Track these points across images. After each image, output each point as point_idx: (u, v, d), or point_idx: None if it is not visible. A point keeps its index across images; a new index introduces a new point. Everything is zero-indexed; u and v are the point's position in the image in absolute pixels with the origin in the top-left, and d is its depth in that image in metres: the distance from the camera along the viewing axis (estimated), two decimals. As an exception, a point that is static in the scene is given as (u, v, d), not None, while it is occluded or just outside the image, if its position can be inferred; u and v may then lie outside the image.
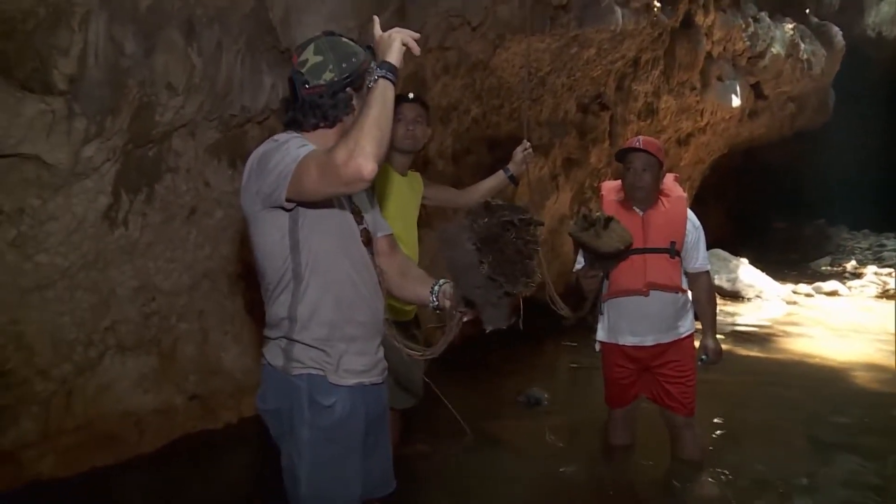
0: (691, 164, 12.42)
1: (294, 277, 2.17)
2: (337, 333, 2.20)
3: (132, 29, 3.37)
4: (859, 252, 15.45)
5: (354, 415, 2.23)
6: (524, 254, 1.95)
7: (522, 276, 1.95)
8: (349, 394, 2.22)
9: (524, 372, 6.05)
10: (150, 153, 3.92)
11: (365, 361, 2.27)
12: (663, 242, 3.89)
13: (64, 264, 3.69)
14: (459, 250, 1.99)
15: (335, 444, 2.21)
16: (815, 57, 11.86)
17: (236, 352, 4.74)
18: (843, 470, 4.38)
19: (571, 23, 5.90)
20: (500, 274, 1.94)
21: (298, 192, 2.04)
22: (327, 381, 2.19)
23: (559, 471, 4.19)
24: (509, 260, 1.94)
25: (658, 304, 3.90)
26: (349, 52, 2.22)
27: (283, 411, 2.24)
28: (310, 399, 2.19)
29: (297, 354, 2.21)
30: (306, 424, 2.19)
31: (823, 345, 7.48)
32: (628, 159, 3.92)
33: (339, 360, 2.20)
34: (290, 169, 2.03)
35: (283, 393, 2.23)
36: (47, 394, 3.77)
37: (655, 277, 3.85)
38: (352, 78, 2.20)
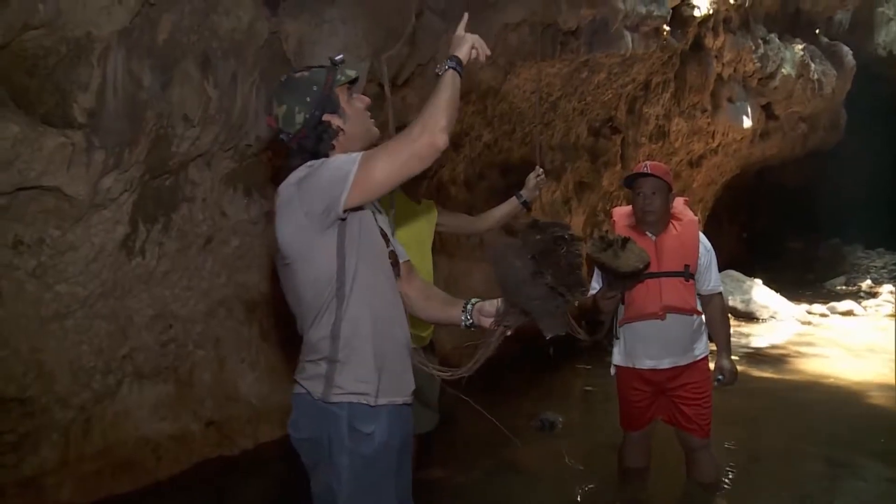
0: (704, 186, 12.43)
1: (337, 296, 2.18)
2: (377, 350, 2.21)
3: (149, 63, 3.45)
4: (874, 271, 15.35)
5: (392, 439, 2.24)
6: (576, 266, 2.11)
7: (578, 286, 2.10)
8: (387, 417, 2.22)
9: (538, 395, 6.05)
10: (167, 183, 3.99)
11: (400, 381, 2.29)
12: (677, 266, 3.90)
13: (83, 293, 3.74)
14: (514, 265, 2.12)
15: (375, 470, 2.21)
16: (826, 77, 11.87)
17: (252, 378, 4.77)
18: (859, 493, 4.36)
19: (581, 48, 5.97)
20: (561, 284, 2.08)
21: (365, 188, 2.08)
22: (367, 407, 2.19)
23: (575, 494, 4.19)
24: (565, 272, 2.09)
25: (674, 327, 3.91)
26: (307, 84, 2.25)
27: (321, 439, 2.22)
28: (349, 427, 2.18)
29: (338, 380, 2.20)
30: (346, 452, 2.18)
31: (839, 365, 7.44)
32: (637, 184, 3.94)
33: (378, 380, 2.21)
34: (350, 170, 2.07)
35: (321, 421, 2.22)
36: (66, 421, 3.82)
37: (671, 301, 3.86)
38: (322, 105, 2.23)
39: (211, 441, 4.53)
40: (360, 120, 2.30)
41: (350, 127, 2.28)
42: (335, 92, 2.24)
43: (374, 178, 2.07)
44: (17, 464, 3.63)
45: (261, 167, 4.43)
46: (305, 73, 2.28)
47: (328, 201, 2.09)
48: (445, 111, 2.09)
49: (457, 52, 2.23)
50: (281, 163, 2.35)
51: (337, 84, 2.25)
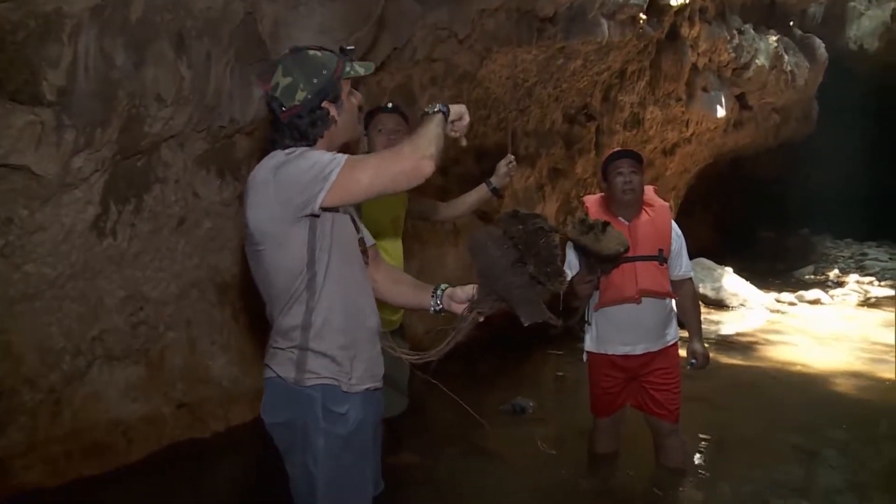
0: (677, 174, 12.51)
1: (308, 288, 2.18)
2: (348, 340, 2.23)
3: (122, 41, 3.40)
4: (842, 261, 15.55)
5: (366, 421, 2.27)
6: (555, 255, 2.18)
7: (557, 275, 2.18)
8: (360, 401, 2.25)
9: (510, 381, 6.09)
10: (139, 164, 3.95)
11: (371, 367, 2.31)
12: (652, 250, 3.94)
13: (52, 274, 3.70)
14: (495, 254, 2.18)
15: (351, 451, 2.24)
16: (799, 69, 11.98)
17: (224, 361, 4.75)
18: (825, 477, 4.45)
19: (558, 35, 5.97)
20: (542, 273, 2.14)
21: (347, 193, 2.09)
22: (340, 390, 2.21)
23: (545, 479, 4.23)
24: (546, 261, 2.15)
25: (649, 312, 3.95)
26: (318, 65, 2.22)
27: (296, 422, 2.24)
28: (324, 408, 2.20)
29: (310, 365, 2.21)
30: (322, 433, 2.21)
31: (805, 353, 7.55)
32: (614, 165, 3.97)
33: (350, 368, 2.23)
34: (333, 171, 2.06)
35: (294, 404, 2.24)
36: (35, 403, 3.78)
37: (647, 284, 3.90)
38: (326, 91, 2.21)
39: (182, 423, 4.51)
40: (352, 116, 2.32)
41: (342, 120, 2.27)
42: (341, 82, 2.23)
43: (358, 185, 2.08)
44: (-17, 446, 3.60)
45: (234, 149, 4.40)
46: (318, 54, 2.25)
47: (306, 196, 2.08)
48: (434, 142, 2.13)
49: (450, 104, 2.28)
50: (267, 136, 2.30)
51: (345, 76, 2.24)
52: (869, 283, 12.80)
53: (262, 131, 4.35)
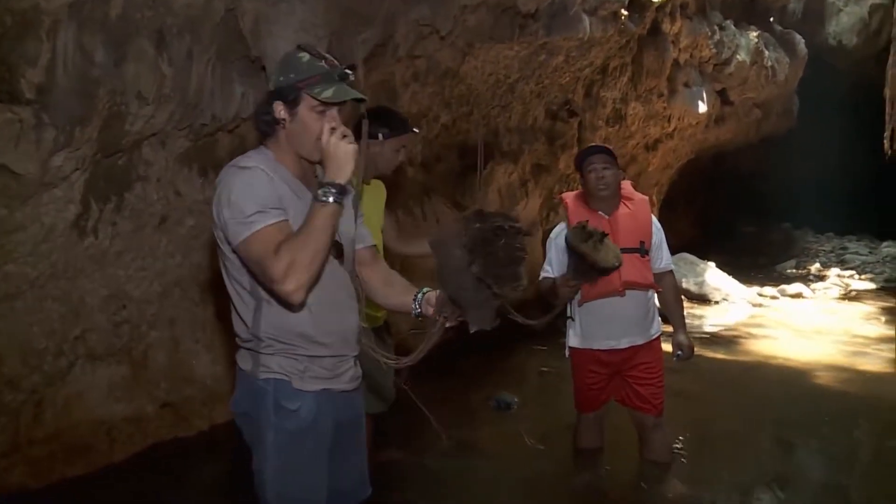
0: (659, 170, 12.58)
1: (255, 297, 2.19)
2: (304, 343, 2.22)
3: (102, 38, 3.37)
4: (823, 255, 15.69)
5: (321, 420, 2.25)
6: (513, 259, 1.99)
7: (510, 280, 1.98)
8: (314, 399, 2.24)
9: (494, 376, 6.10)
10: (120, 162, 3.92)
11: (333, 369, 2.28)
12: (633, 243, 3.96)
13: (33, 274, 3.67)
14: (450, 254, 2.03)
15: (301, 448, 2.23)
16: (780, 64, 12.07)
17: (207, 359, 4.74)
18: (807, 469, 4.50)
19: (540, 31, 5.97)
20: (489, 276, 1.97)
21: (244, 256, 2.11)
22: (291, 385, 2.22)
23: (530, 474, 4.24)
24: (499, 263, 1.97)
25: (632, 305, 3.97)
26: (292, 66, 2.18)
27: (251, 415, 2.26)
28: (275, 403, 2.21)
29: (264, 360, 2.23)
30: (272, 428, 2.22)
31: (787, 346, 7.61)
32: (588, 162, 3.99)
33: (305, 367, 2.23)
34: (239, 238, 2.08)
35: (251, 396, 2.26)
36: (16, 404, 3.75)
37: (631, 276, 3.91)
38: (283, 93, 2.16)
39: (166, 422, 4.49)
40: (306, 133, 2.17)
41: (292, 130, 2.19)
42: (302, 93, 2.14)
43: (248, 257, 2.09)
44: (-36, 447, 3.57)
45: (216, 146, 4.38)
46: (304, 57, 2.18)
47: (227, 236, 2.12)
48: (313, 264, 2.05)
49: (336, 178, 2.06)
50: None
51: (310, 92, 2.13)
52: (850, 277, 12.93)
53: (244, 129, 4.33)
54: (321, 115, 2.15)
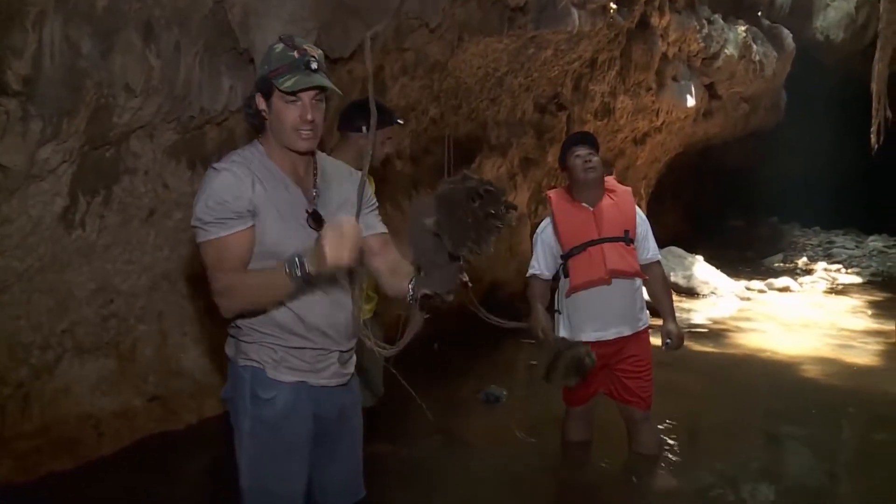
0: (647, 163, 12.60)
1: None
2: (281, 333, 2.23)
3: (89, 30, 3.35)
4: (810, 249, 15.78)
5: (297, 412, 2.26)
6: (481, 223, 1.80)
7: (469, 242, 1.81)
8: (291, 391, 2.25)
9: (483, 370, 6.11)
10: (108, 155, 3.90)
11: (312, 362, 2.28)
12: (617, 231, 3.97)
13: (20, 267, 3.65)
14: (419, 215, 1.91)
15: (275, 438, 2.24)
16: (767, 59, 12.10)
17: (196, 353, 4.72)
18: (794, 461, 4.53)
19: (528, 24, 5.97)
20: (445, 232, 1.82)
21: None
22: (266, 374, 2.24)
23: (519, 467, 4.25)
24: (461, 223, 1.81)
25: (619, 293, 3.97)
26: (267, 58, 2.19)
27: (233, 401, 2.31)
28: (251, 391, 2.24)
29: (243, 347, 2.28)
30: (248, 415, 2.25)
31: (775, 340, 7.65)
32: (572, 151, 4.02)
33: (280, 358, 2.24)
34: (197, 240, 2.19)
35: (233, 383, 2.31)
36: (2, 398, 3.74)
37: (615, 264, 3.92)
38: (259, 85, 2.20)
39: (154, 416, 4.47)
40: (281, 125, 2.19)
41: (272, 121, 2.21)
42: (270, 83, 2.15)
43: (203, 259, 2.19)
44: (-49, 441, 3.55)
45: (204, 139, 4.36)
46: (277, 47, 2.18)
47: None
48: (246, 305, 2.17)
49: (312, 266, 1.98)
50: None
51: (276, 81, 2.13)
52: (836, 271, 13.01)
53: (233, 122, 4.32)
54: (292, 104, 2.16)
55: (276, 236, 2.17)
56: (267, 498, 2.27)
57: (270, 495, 2.27)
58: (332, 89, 2.18)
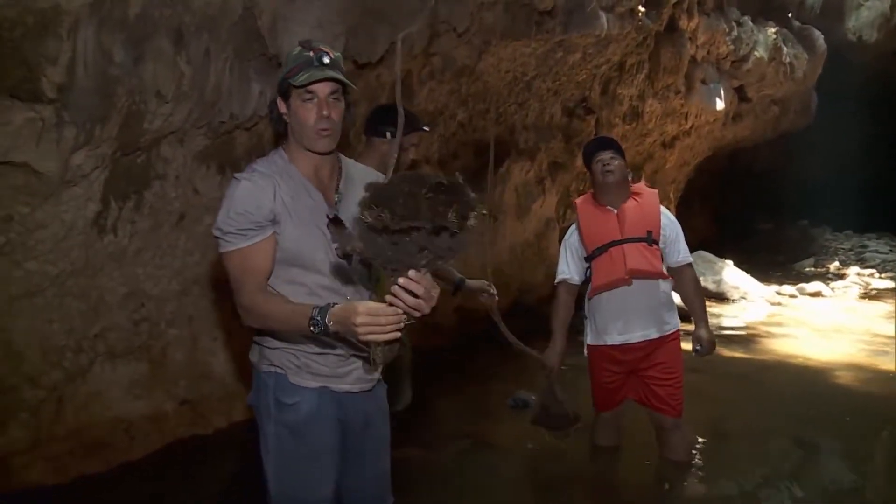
0: (676, 167, 12.51)
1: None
2: (303, 340, 2.23)
3: (121, 37, 3.38)
4: (842, 253, 15.56)
5: (321, 417, 2.27)
6: (411, 202, 1.70)
7: (372, 207, 1.71)
8: (315, 396, 2.26)
9: (511, 375, 6.07)
10: (139, 160, 3.94)
11: (335, 367, 2.29)
12: (639, 232, 3.94)
13: (53, 271, 3.69)
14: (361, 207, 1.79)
15: (300, 443, 2.25)
16: (798, 60, 11.98)
17: (225, 357, 4.75)
18: (826, 469, 4.45)
19: (557, 28, 5.96)
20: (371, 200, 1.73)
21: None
22: (288, 380, 2.25)
23: (549, 472, 4.24)
24: (387, 193, 1.72)
25: (643, 294, 3.94)
26: (286, 61, 2.25)
27: (257, 406, 2.33)
28: (275, 396, 2.26)
29: (267, 353, 2.30)
30: (272, 421, 2.26)
31: (807, 345, 7.55)
32: (595, 157, 4.03)
33: (303, 363, 2.25)
34: (218, 250, 2.22)
35: (257, 389, 2.33)
36: (37, 401, 3.77)
37: (636, 264, 3.88)
38: (279, 88, 2.24)
39: (185, 420, 4.50)
40: (300, 124, 2.21)
41: (293, 123, 2.24)
42: (287, 83, 2.19)
43: (226, 269, 2.22)
44: (-15, 443, 3.59)
45: (234, 144, 4.39)
46: (295, 50, 2.22)
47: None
48: (266, 325, 2.20)
49: (334, 327, 1.96)
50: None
51: (292, 81, 2.16)
52: (869, 276, 12.82)
53: (262, 127, 4.34)
54: (309, 102, 2.19)
55: (297, 242, 2.19)
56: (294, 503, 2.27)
57: (297, 501, 2.27)
58: (345, 82, 2.21)
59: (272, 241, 2.17)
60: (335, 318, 1.95)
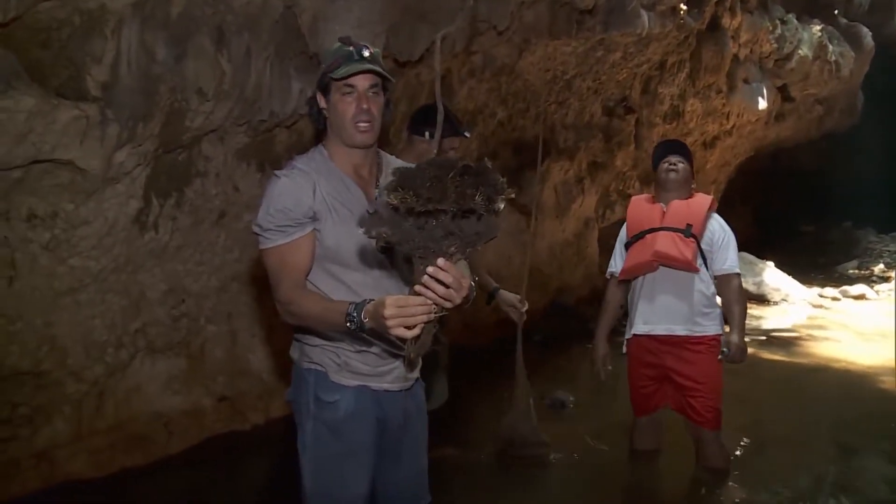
0: (717, 167, 12.35)
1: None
2: (345, 338, 2.22)
3: (163, 36, 3.42)
4: (887, 255, 15.22)
5: (360, 416, 2.27)
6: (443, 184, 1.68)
7: (398, 189, 1.70)
8: (354, 394, 2.26)
9: (549, 375, 6.04)
10: (181, 158, 3.98)
11: (375, 366, 2.28)
12: (679, 223, 3.91)
13: (96, 267, 3.74)
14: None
15: (338, 441, 2.25)
16: (844, 58, 11.74)
17: (263, 354, 4.78)
18: (869, 476, 4.36)
19: (597, 26, 5.90)
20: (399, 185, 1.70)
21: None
22: (329, 378, 2.25)
23: (585, 474, 4.20)
24: (414, 177, 1.70)
25: (671, 285, 3.90)
26: (325, 57, 2.27)
27: (297, 402, 2.33)
28: (315, 394, 2.26)
29: (307, 351, 2.30)
30: (311, 417, 2.27)
31: (849, 349, 7.41)
32: (665, 159, 4.04)
33: (344, 362, 2.25)
34: (258, 247, 2.23)
35: (297, 385, 2.34)
36: (79, 395, 3.83)
37: (664, 248, 3.85)
38: (319, 83, 2.25)
39: (222, 416, 4.54)
40: (340, 119, 2.22)
41: (332, 117, 2.25)
42: (327, 77, 2.20)
43: (265, 266, 2.23)
44: (30, 436, 3.65)
45: (274, 142, 4.42)
46: (335, 46, 2.23)
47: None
48: (303, 322, 2.19)
49: (368, 323, 1.94)
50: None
51: (333, 75, 2.17)
52: (915, 278, 12.52)
53: (302, 125, 4.36)
54: (348, 96, 2.20)
55: (337, 238, 2.18)
56: (329, 500, 2.27)
57: (333, 498, 2.27)
58: (385, 75, 2.22)
59: (311, 238, 2.18)
60: (369, 314, 1.93)
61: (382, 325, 1.85)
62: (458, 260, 1.78)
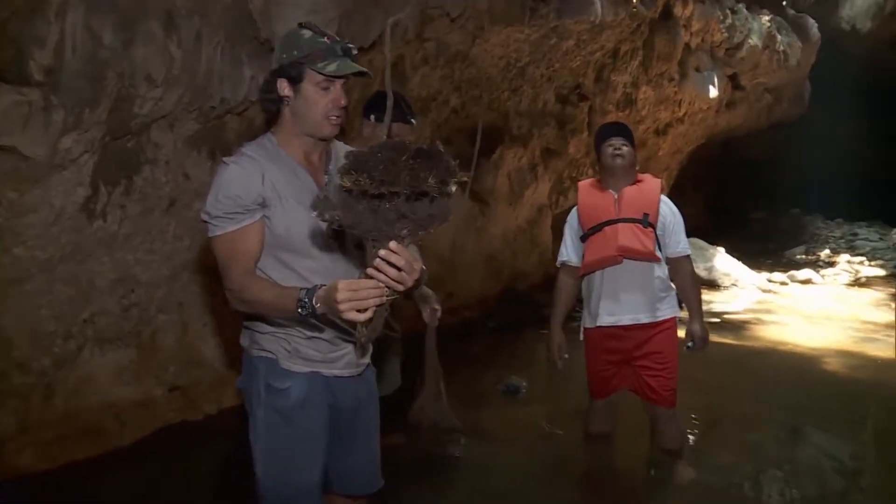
0: (669, 154, 12.51)
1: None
2: (295, 325, 2.22)
3: (111, 20, 3.35)
4: (833, 241, 15.59)
5: (312, 402, 2.26)
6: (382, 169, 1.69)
7: (351, 172, 1.71)
8: (306, 381, 2.26)
9: (503, 361, 6.09)
10: (129, 145, 3.91)
11: (325, 352, 2.28)
12: (636, 213, 3.93)
13: (42, 257, 3.67)
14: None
15: (290, 427, 2.24)
16: (792, 49, 11.96)
17: (215, 343, 4.74)
18: (815, 454, 4.48)
19: (551, 14, 5.93)
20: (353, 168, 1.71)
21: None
22: (280, 365, 2.25)
23: (540, 459, 4.24)
24: (367, 159, 1.71)
25: (634, 276, 3.94)
26: (294, 44, 2.17)
27: (247, 390, 2.32)
28: (266, 381, 2.25)
29: (257, 338, 2.29)
30: (263, 405, 2.26)
31: (796, 332, 7.58)
32: (608, 142, 4.03)
33: (294, 349, 2.25)
34: (207, 234, 2.20)
35: (247, 373, 2.32)
36: (26, 387, 3.76)
37: (627, 242, 3.88)
38: (286, 70, 2.17)
39: (175, 406, 4.49)
40: (311, 108, 2.18)
41: (298, 107, 2.19)
42: (307, 69, 2.14)
43: (215, 254, 2.20)
44: (-26, 430, 3.58)
45: (225, 129, 4.36)
46: (306, 34, 2.18)
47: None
48: (253, 309, 2.17)
49: (320, 309, 1.94)
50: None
51: (314, 67, 2.13)
52: (860, 263, 12.85)
53: (253, 112, 4.31)
54: (326, 90, 2.17)
55: (287, 225, 2.17)
56: (282, 487, 2.27)
57: (285, 485, 2.27)
58: (369, 75, 2.23)
59: (260, 225, 2.16)
60: (321, 299, 1.93)
61: (335, 309, 1.85)
62: (409, 244, 1.80)
